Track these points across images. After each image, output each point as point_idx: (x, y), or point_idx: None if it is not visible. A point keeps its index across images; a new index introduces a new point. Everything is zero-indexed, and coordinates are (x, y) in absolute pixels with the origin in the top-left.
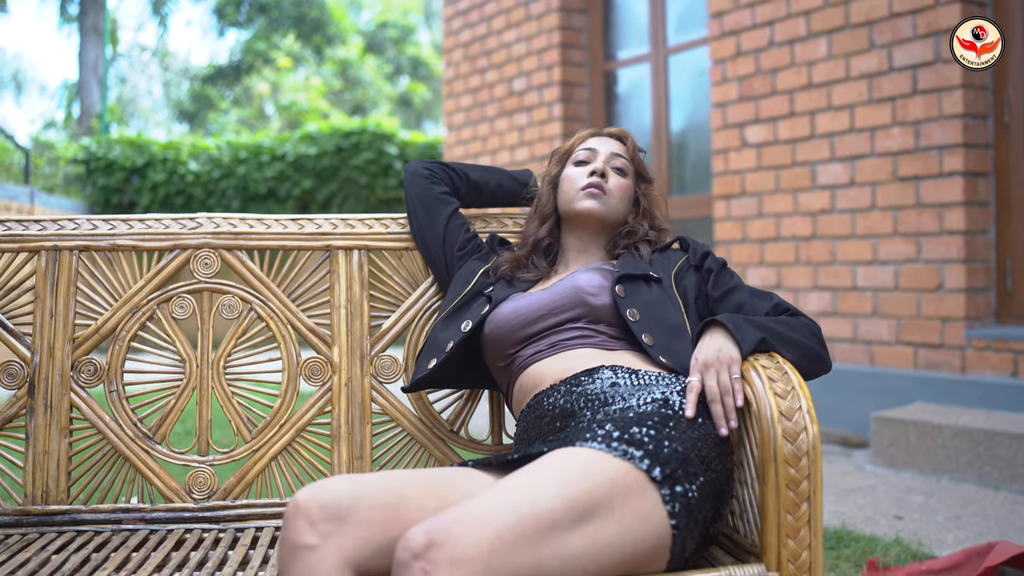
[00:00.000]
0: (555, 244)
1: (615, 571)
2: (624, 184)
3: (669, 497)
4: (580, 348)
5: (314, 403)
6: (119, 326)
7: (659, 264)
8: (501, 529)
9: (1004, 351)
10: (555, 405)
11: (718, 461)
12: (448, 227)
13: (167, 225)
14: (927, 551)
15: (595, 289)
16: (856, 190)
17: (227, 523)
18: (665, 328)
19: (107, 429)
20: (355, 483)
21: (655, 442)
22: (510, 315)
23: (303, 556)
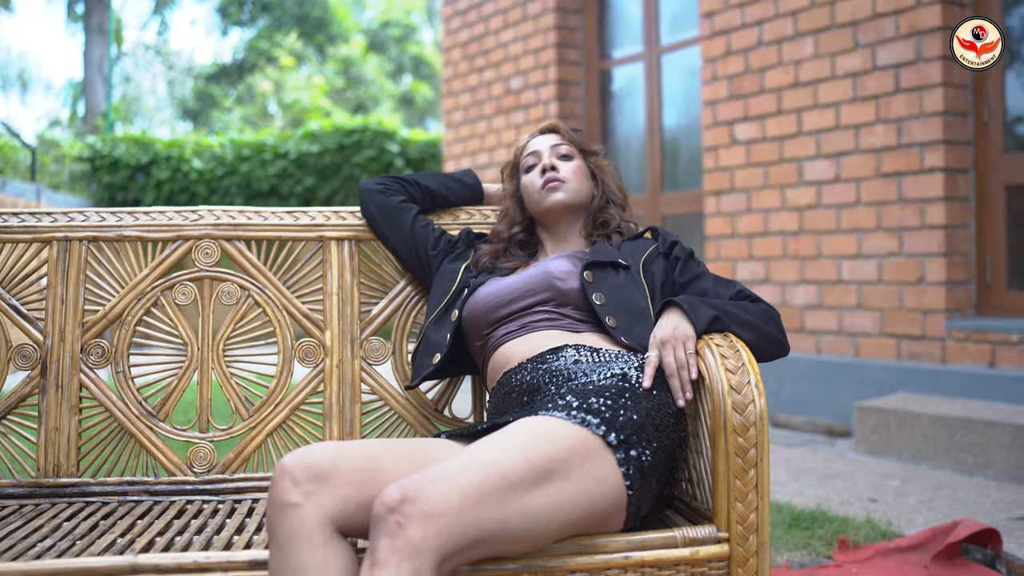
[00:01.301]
0: (531, 239)
1: (575, 528)
2: (575, 166)
3: (623, 460)
4: (548, 329)
5: (307, 384)
6: (125, 311)
7: (629, 251)
8: (468, 488)
9: (983, 342)
10: (522, 381)
11: (671, 430)
12: (414, 230)
13: (170, 217)
14: (896, 530)
15: (564, 275)
16: (841, 186)
17: (225, 495)
18: (628, 311)
19: (114, 407)
20: (335, 448)
21: (611, 411)
22: (486, 298)
23: (288, 513)
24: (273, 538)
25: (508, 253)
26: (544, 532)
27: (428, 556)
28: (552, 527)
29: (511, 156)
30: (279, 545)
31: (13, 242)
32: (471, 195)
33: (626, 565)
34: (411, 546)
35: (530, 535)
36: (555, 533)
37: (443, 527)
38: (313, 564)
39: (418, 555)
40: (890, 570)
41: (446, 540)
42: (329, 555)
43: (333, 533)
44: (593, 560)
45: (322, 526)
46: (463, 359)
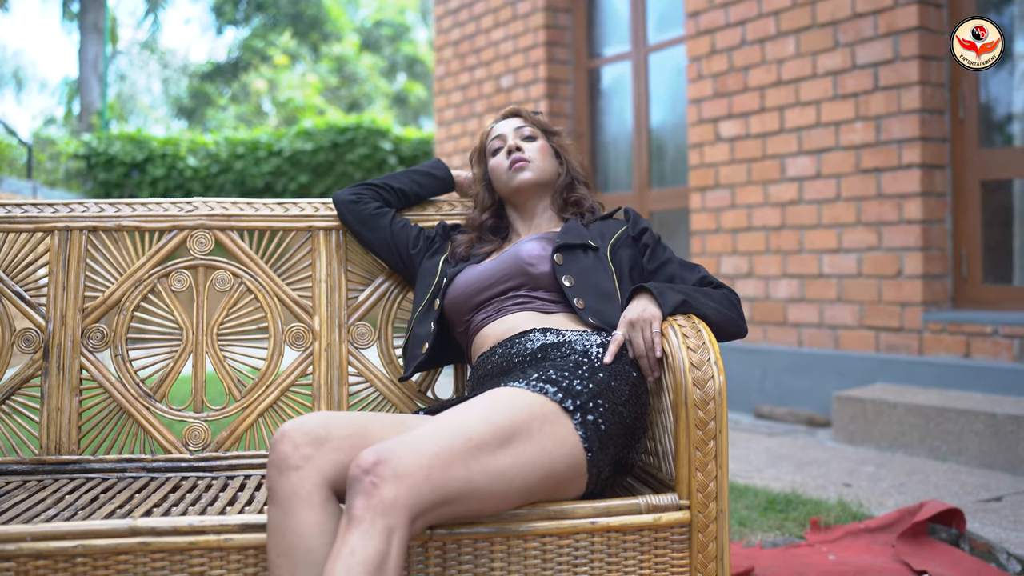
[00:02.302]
0: (502, 223)
1: (539, 488)
2: (539, 145)
3: (580, 424)
4: (521, 311)
5: (297, 366)
6: (123, 298)
7: (599, 231)
8: (436, 449)
9: (958, 334)
10: (494, 364)
11: (628, 398)
12: (393, 232)
13: (166, 208)
14: (867, 512)
15: (535, 259)
16: (822, 182)
17: (219, 471)
18: (596, 293)
19: (113, 389)
20: (329, 416)
21: (567, 380)
22: (464, 286)
23: (288, 475)
24: (274, 498)
25: (482, 240)
26: (509, 491)
27: (400, 513)
28: (516, 486)
29: (476, 142)
30: (280, 505)
31: (16, 231)
32: (443, 186)
33: (593, 530)
34: (384, 504)
35: (495, 494)
36: (520, 493)
37: (414, 486)
38: (313, 523)
39: (391, 512)
40: (859, 549)
41: (417, 499)
42: (326, 516)
43: (330, 494)
44: (562, 525)
45: (320, 487)
46: (451, 348)
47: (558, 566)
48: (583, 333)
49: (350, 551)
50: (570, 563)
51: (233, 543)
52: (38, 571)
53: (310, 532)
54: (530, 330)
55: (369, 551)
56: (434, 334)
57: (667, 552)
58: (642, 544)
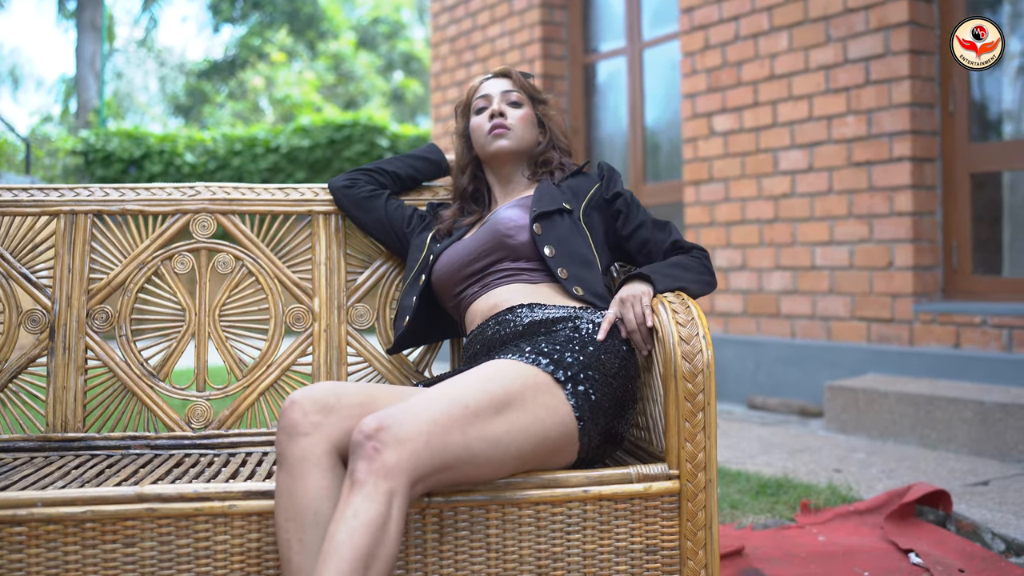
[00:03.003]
0: (481, 187)
1: (533, 455)
2: (523, 114)
3: (572, 395)
4: (507, 284)
5: (297, 347)
6: (128, 279)
7: (572, 190)
8: (435, 415)
9: (948, 324)
10: (486, 340)
11: (619, 373)
12: (388, 213)
13: (170, 193)
14: (856, 496)
15: (513, 229)
16: (814, 175)
17: (221, 449)
18: (577, 260)
19: (117, 368)
20: (337, 386)
21: (559, 353)
22: (447, 263)
23: (298, 440)
24: (284, 463)
25: (464, 211)
26: (505, 457)
27: (401, 477)
28: (512, 452)
29: (464, 95)
30: (290, 469)
31: (23, 215)
32: (437, 170)
33: (585, 498)
34: (386, 468)
35: (492, 460)
36: (515, 459)
37: (414, 451)
38: (321, 486)
39: (392, 476)
40: (848, 531)
41: (417, 463)
42: (334, 481)
43: (337, 460)
44: (555, 493)
45: (328, 453)
46: (439, 323)
47: (552, 533)
48: (572, 309)
49: (353, 513)
50: (563, 531)
51: (237, 509)
52: (48, 535)
53: (319, 496)
54: (517, 305)
55: (371, 513)
56: (415, 307)
57: (657, 520)
58: (633, 513)
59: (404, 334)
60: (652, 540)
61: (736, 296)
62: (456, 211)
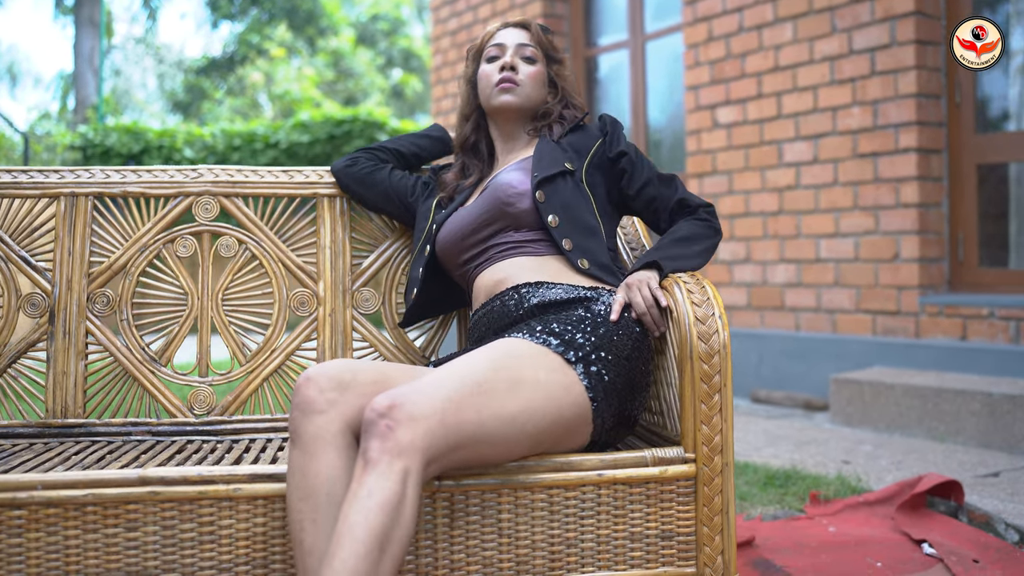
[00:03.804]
0: (482, 140)
1: (547, 435)
2: (535, 71)
3: (584, 375)
4: (511, 257)
5: (301, 332)
6: (129, 263)
7: (573, 147)
8: (449, 393)
9: (954, 316)
10: (493, 320)
11: (630, 353)
12: (392, 182)
13: (171, 175)
14: (865, 486)
15: (514, 196)
16: (819, 167)
17: (224, 435)
18: (581, 228)
19: (118, 353)
20: (352, 363)
21: (570, 334)
22: (449, 232)
23: (313, 418)
24: (297, 441)
25: (466, 169)
26: (519, 436)
27: (416, 456)
28: (527, 431)
29: (478, 40)
30: (304, 447)
31: (23, 197)
32: (441, 147)
33: (599, 482)
34: (400, 446)
35: (506, 439)
36: (529, 438)
37: (428, 430)
38: (336, 465)
39: (406, 454)
40: (859, 521)
41: (431, 442)
42: (349, 460)
43: (352, 440)
44: (569, 477)
45: (343, 432)
46: (451, 293)
47: (565, 518)
48: (580, 290)
49: (367, 493)
50: (577, 515)
51: (242, 493)
52: (48, 519)
53: (333, 475)
54: (523, 284)
55: (386, 492)
56: (422, 279)
57: (673, 505)
58: (648, 497)
59: (413, 307)
60: (667, 525)
61: (740, 289)
62: (458, 172)
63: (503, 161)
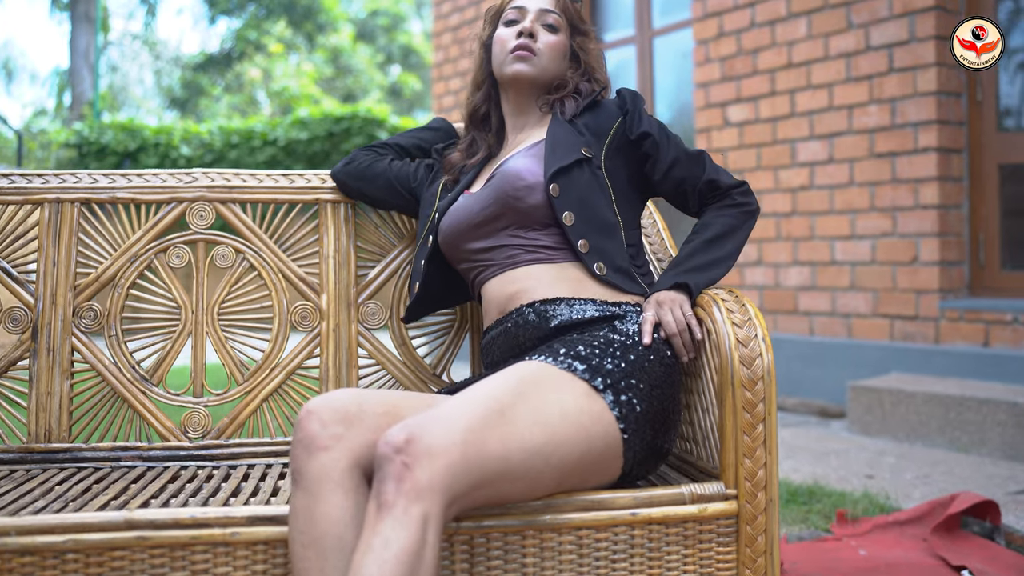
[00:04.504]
0: (492, 112)
1: (574, 467)
2: (556, 41)
3: (614, 404)
4: (521, 266)
5: (303, 348)
6: (118, 274)
7: (590, 128)
8: (470, 422)
9: (976, 322)
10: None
11: (662, 380)
12: (392, 172)
13: (164, 179)
14: (894, 504)
15: (523, 189)
16: (834, 166)
17: (220, 460)
18: (598, 226)
19: (106, 372)
20: (358, 394)
21: (598, 359)
22: (452, 223)
23: (318, 456)
24: (300, 480)
25: (474, 145)
26: (545, 470)
27: (436, 498)
28: (552, 464)
29: (499, 1)
30: (308, 488)
31: (3, 203)
32: (446, 139)
33: (633, 522)
34: (418, 488)
35: (530, 473)
36: (555, 472)
37: (449, 466)
38: (345, 508)
39: (426, 497)
40: (889, 543)
41: (452, 480)
42: (359, 502)
43: (361, 479)
44: (599, 517)
45: (351, 470)
46: (458, 286)
47: (595, 561)
48: (605, 307)
49: (383, 542)
50: (608, 558)
51: (240, 537)
52: (24, 569)
53: (342, 519)
54: (540, 301)
55: (404, 542)
56: (424, 272)
57: (712, 546)
58: (685, 538)
59: (416, 302)
60: (707, 568)
61: (752, 292)
62: (465, 149)
63: (512, 140)
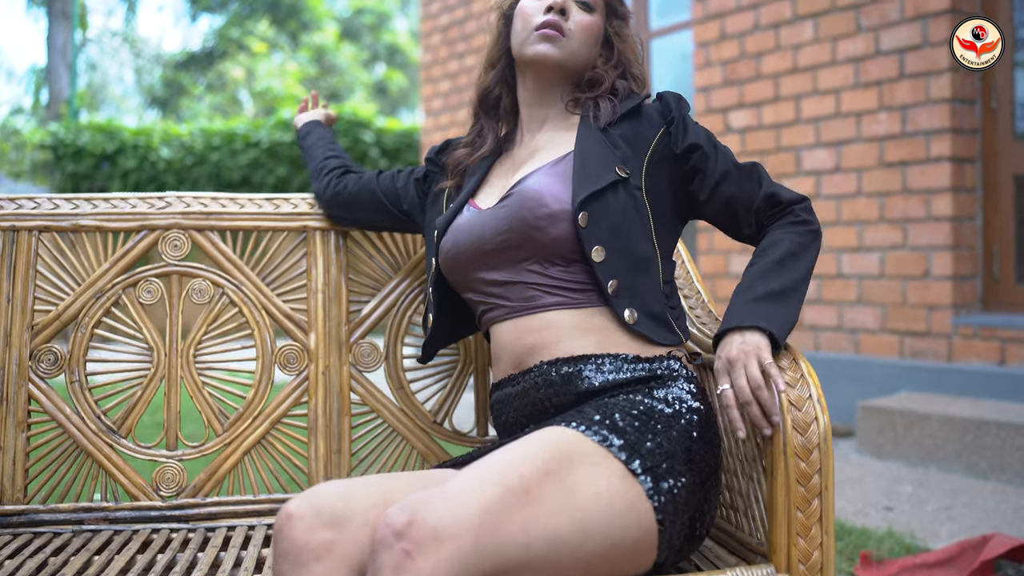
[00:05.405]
0: (504, 97)
1: (604, 559)
2: (589, 22)
3: (653, 492)
4: (543, 312)
5: (289, 393)
6: (82, 312)
7: (625, 139)
8: (487, 500)
9: (991, 339)
10: (525, 408)
11: (707, 464)
12: (383, 189)
13: (134, 205)
14: (920, 544)
15: (546, 218)
16: (841, 176)
17: (197, 522)
18: (631, 263)
19: (68, 422)
20: (344, 486)
21: (638, 433)
22: (455, 246)
23: (309, 569)
24: None
25: (482, 135)
26: (570, 563)
27: None
28: (577, 557)
29: None
30: None
31: None
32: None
33: None
34: None
35: (555, 566)
36: (582, 566)
37: (459, 554)
38: None
39: None
40: None
41: (462, 572)
42: None
43: None
44: None
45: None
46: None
47: None
48: (643, 367)
49: None
50: None
51: None
52: None
53: None
54: (567, 359)
55: None
56: (435, 304)
57: None
58: None
59: (432, 337)
60: None
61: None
62: (469, 143)
63: (528, 138)
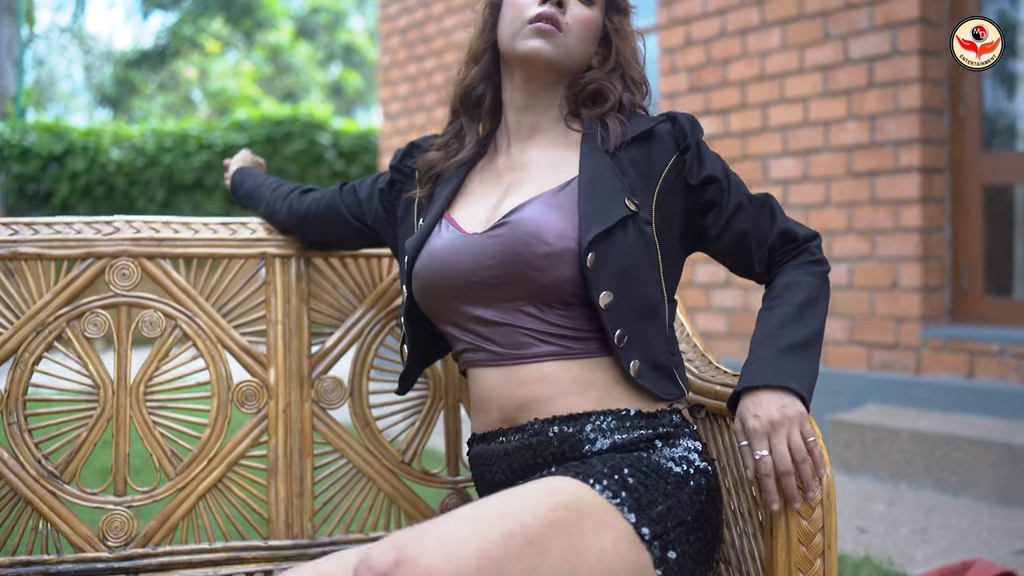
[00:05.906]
0: (487, 95)
1: None
2: (588, 17)
3: (660, 561)
4: (533, 363)
5: (247, 433)
6: (21, 347)
7: (634, 165)
8: (487, 546)
9: (960, 352)
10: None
11: (712, 528)
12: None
13: (79, 230)
14: (899, 569)
15: (546, 258)
16: (809, 185)
17: (148, 573)
18: (639, 309)
19: (5, 468)
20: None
21: (646, 497)
22: (430, 274)
23: None
24: None
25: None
26: None
27: None
28: None
29: None
30: None
31: None
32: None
33: None
34: None
35: None
36: None
37: None
38: None
39: None
40: None
41: None
42: None
43: None
44: None
45: None
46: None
47: None
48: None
49: None
50: None
51: None
52: None
53: None
54: (565, 417)
55: None
56: (408, 334)
57: None
58: None
59: (409, 368)
60: None
61: (719, 315)
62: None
63: (516, 149)
